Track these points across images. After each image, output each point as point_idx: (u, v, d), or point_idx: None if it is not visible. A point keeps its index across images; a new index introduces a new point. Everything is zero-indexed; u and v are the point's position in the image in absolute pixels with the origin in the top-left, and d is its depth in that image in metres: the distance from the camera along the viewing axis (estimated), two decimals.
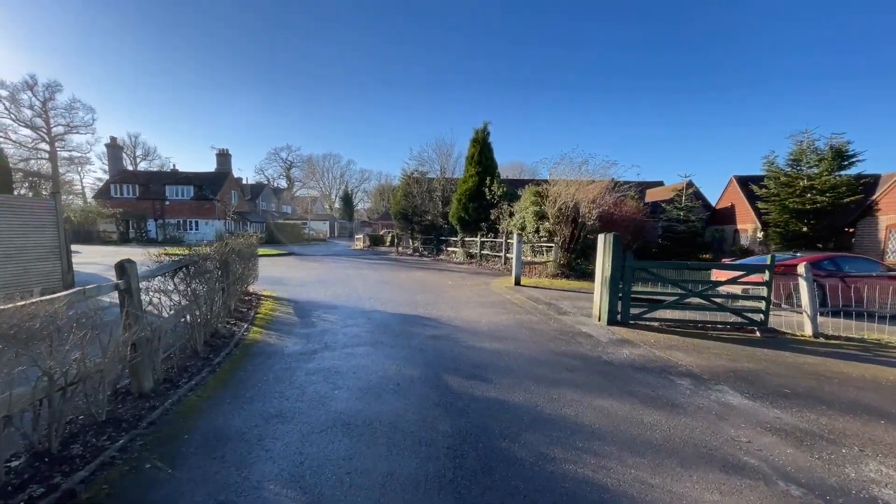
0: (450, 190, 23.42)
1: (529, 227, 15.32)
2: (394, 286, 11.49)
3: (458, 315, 7.92)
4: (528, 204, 15.29)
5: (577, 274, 13.97)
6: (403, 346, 5.85)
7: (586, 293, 10.80)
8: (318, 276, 13.45)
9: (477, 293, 10.62)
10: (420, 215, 24.64)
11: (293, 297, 9.50)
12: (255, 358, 5.26)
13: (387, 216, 66.69)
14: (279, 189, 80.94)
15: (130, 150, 62.48)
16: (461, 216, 19.96)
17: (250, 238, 9.55)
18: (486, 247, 19.06)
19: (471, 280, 13.33)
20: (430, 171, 25.10)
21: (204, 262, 5.75)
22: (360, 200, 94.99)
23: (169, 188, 35.57)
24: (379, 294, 10.09)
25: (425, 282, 12.65)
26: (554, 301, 9.63)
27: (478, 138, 19.99)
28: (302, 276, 13.57)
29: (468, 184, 19.67)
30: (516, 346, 5.94)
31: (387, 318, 7.52)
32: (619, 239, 7.26)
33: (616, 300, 7.36)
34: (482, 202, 19.20)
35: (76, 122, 51.65)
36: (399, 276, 13.83)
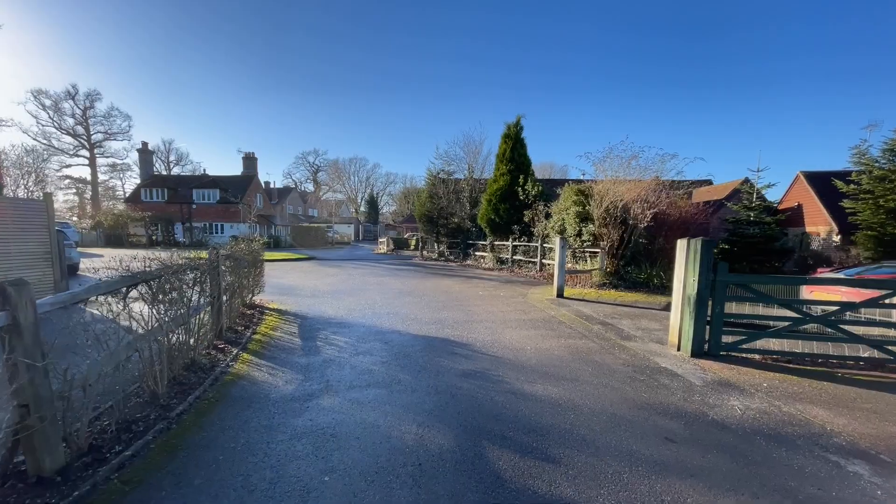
0: (478, 190, 21.91)
1: (570, 230, 13.61)
2: (417, 298, 10.07)
3: (496, 339, 6.40)
4: (570, 204, 13.59)
5: (628, 284, 12.15)
6: (428, 388, 4.39)
7: (646, 309, 9.04)
8: (334, 285, 12.22)
9: (514, 307, 9.05)
10: (446, 218, 23.23)
11: (301, 312, 8.22)
12: (231, 406, 3.92)
13: (411, 219, 65.75)
14: (306, 193, 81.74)
15: (164, 156, 64.28)
16: (491, 218, 18.39)
17: (254, 243, 8.33)
18: (518, 251, 17.41)
19: (504, 290, 11.76)
20: (457, 171, 23.68)
21: (177, 275, 4.49)
22: (386, 204, 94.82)
23: (196, 192, 35.72)
24: (399, 308, 8.69)
25: (452, 292, 11.18)
26: (610, 320, 7.94)
27: (510, 133, 18.40)
28: (317, 284, 12.37)
29: (499, 183, 18.09)
30: (581, 393, 4.36)
31: (407, 343, 6.08)
32: (710, 246, 5.55)
33: (703, 325, 5.65)
34: (515, 203, 17.58)
35: (114, 129, 53.43)
36: (423, 285, 12.42)
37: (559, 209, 14.58)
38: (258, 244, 8.46)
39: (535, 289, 12.02)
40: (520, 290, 11.65)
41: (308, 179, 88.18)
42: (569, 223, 13.67)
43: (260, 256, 8.64)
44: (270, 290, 10.75)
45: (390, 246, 33.62)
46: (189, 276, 4.86)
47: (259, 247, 8.35)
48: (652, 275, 12.16)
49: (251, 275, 8.09)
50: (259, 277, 8.72)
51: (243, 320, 7.22)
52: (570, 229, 13.61)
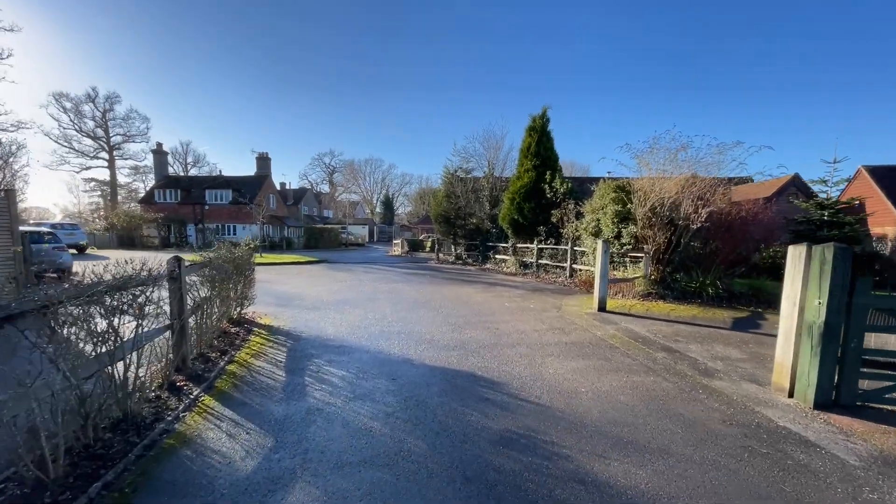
0: (499, 188, 20.40)
1: (606, 232, 11.99)
2: (433, 311, 8.65)
3: (538, 374, 4.92)
4: (607, 202, 11.97)
5: (676, 294, 10.47)
6: (451, 467, 2.95)
7: (711, 328, 7.40)
8: (340, 293, 10.89)
9: (550, 325, 7.53)
10: (464, 218, 21.78)
11: (296, 330, 6.89)
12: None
13: (427, 220, 64.53)
14: (321, 194, 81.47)
15: (182, 157, 64.67)
16: (514, 218, 16.85)
17: (239, 248, 7.04)
18: (544, 255, 15.82)
19: (534, 300, 10.23)
20: (477, 168, 22.22)
21: (95, 298, 3.16)
22: (401, 205, 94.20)
23: (209, 192, 35.19)
24: (413, 325, 7.28)
25: (474, 303, 9.72)
26: (673, 344, 6.36)
27: (535, 126, 16.84)
28: (322, 292, 11.07)
29: (523, 180, 16.54)
30: (682, 480, 2.85)
31: (422, 380, 4.65)
32: (846, 256, 3.95)
33: (831, 364, 4.06)
34: (541, 201, 16.01)
35: (132, 131, 53.76)
36: (440, 294, 10.99)
37: (593, 208, 12.96)
38: (245, 249, 7.15)
39: (569, 299, 10.46)
40: (552, 301, 10.10)
41: (324, 181, 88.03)
42: (605, 224, 12.04)
43: (248, 263, 7.34)
44: (268, 299, 9.51)
45: (405, 248, 32.38)
46: (125, 297, 3.53)
47: (246, 252, 7.05)
48: (705, 283, 10.45)
49: (236, 286, 6.79)
50: (248, 288, 7.42)
51: (223, 342, 5.91)
52: (607, 231, 11.98)
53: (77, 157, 50.51)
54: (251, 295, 7.63)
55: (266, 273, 15.20)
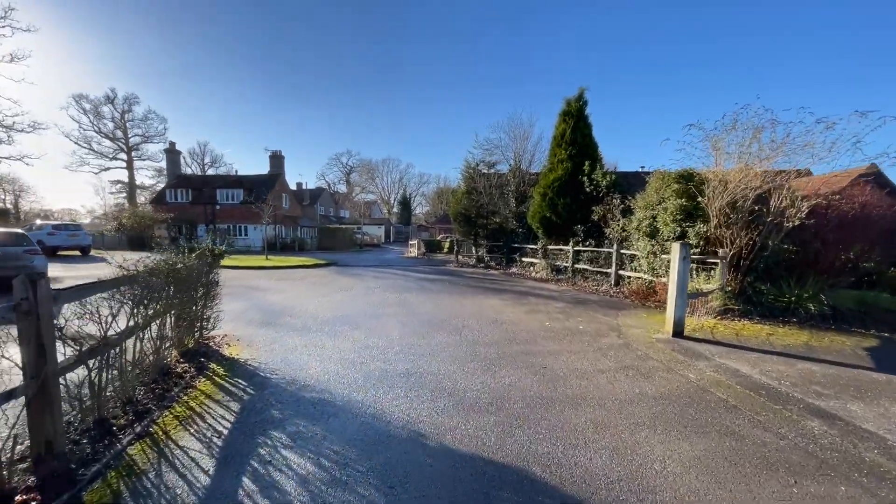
0: (527, 183, 18.29)
1: (666, 231, 9.76)
2: (454, 334, 6.66)
3: (635, 473, 2.86)
4: (668, 195, 9.74)
5: (762, 310, 8.21)
6: None
7: (847, 367, 5.15)
8: (341, 307, 9.02)
9: (617, 359, 5.44)
10: (486, 217, 19.72)
11: (268, 366, 5.00)
12: None
13: (444, 220, 62.61)
14: (338, 194, 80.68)
15: (199, 158, 64.65)
16: (546, 216, 14.70)
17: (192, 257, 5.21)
18: (582, 258, 13.62)
19: (580, 316, 8.14)
20: (501, 162, 20.13)
21: None
22: (418, 204, 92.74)
23: (220, 192, 34.13)
24: (428, 361, 5.30)
25: (506, 320, 7.69)
26: (816, 400, 4.18)
27: (570, 110, 14.64)
28: (320, 305, 9.23)
29: (557, 172, 14.36)
30: None
31: (443, 491, 2.66)
32: None
33: None
34: (578, 196, 13.83)
35: (151, 132, 53.68)
36: (462, 308, 8.99)
37: (646, 203, 10.73)
38: (198, 259, 5.28)
39: (625, 316, 8.30)
40: (604, 319, 7.97)
41: (341, 181, 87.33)
42: (664, 222, 9.81)
43: (204, 275, 5.49)
44: (253, 314, 7.74)
45: (421, 249, 30.54)
46: None
47: (197, 262, 5.17)
48: (802, 297, 8.13)
49: (186, 307, 4.96)
50: (207, 308, 5.60)
51: (155, 390, 4.07)
52: (667, 230, 9.74)
53: (96, 158, 50.69)
54: (214, 315, 5.80)
55: (264, 279, 13.52)
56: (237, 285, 11.86)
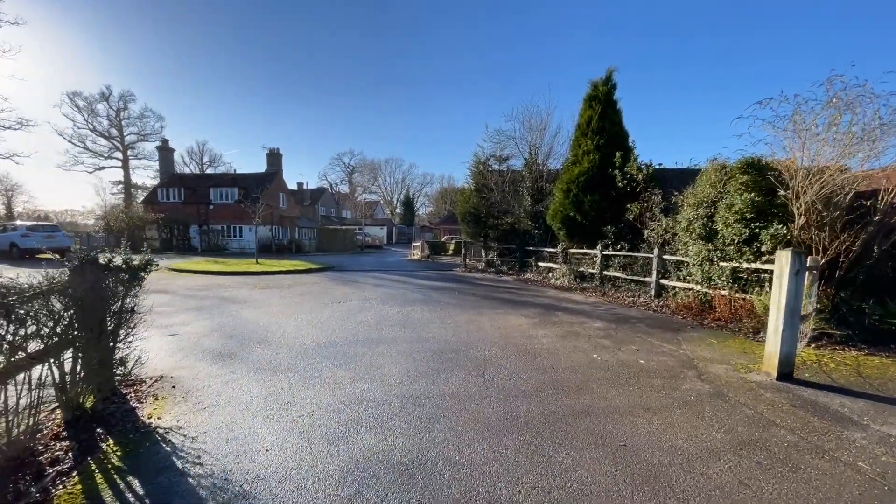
0: (545, 179, 16.51)
1: (728, 233, 7.95)
2: (476, 375, 4.90)
3: None
4: (735, 187, 7.93)
5: (863, 335, 6.40)
6: None
7: None
8: (329, 328, 7.27)
9: (719, 424, 3.65)
10: (497, 217, 17.94)
11: (198, 443, 3.23)
12: None
13: (449, 220, 60.86)
14: (339, 194, 79.18)
15: (198, 157, 63.27)
16: (569, 215, 12.88)
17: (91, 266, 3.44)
18: (613, 265, 11.81)
19: (631, 343, 6.34)
20: (515, 156, 18.30)
21: None
22: (422, 205, 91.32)
23: (214, 191, 32.48)
24: (443, 435, 3.52)
25: (540, 350, 5.92)
26: None
27: (597, 94, 12.84)
28: (302, 325, 7.47)
29: (582, 165, 12.56)
30: None
31: None
32: None
33: None
34: (608, 192, 12.04)
35: (147, 130, 52.24)
36: (481, 332, 7.21)
37: (697, 200, 8.91)
38: (92, 274, 3.52)
39: (689, 342, 6.48)
40: (665, 347, 6.16)
41: (343, 181, 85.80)
42: (725, 222, 7.99)
43: (123, 301, 3.74)
44: (212, 341, 5.98)
45: (425, 251, 28.77)
46: None
47: (97, 280, 3.42)
48: None
49: (90, 347, 3.22)
50: (109, 349, 3.84)
51: None
52: (729, 232, 7.92)
53: (91, 156, 49.27)
54: (127, 356, 4.03)
55: (246, 288, 11.80)
56: (211, 297, 10.13)
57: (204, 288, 11.61)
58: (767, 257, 7.45)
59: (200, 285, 12.13)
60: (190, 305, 8.89)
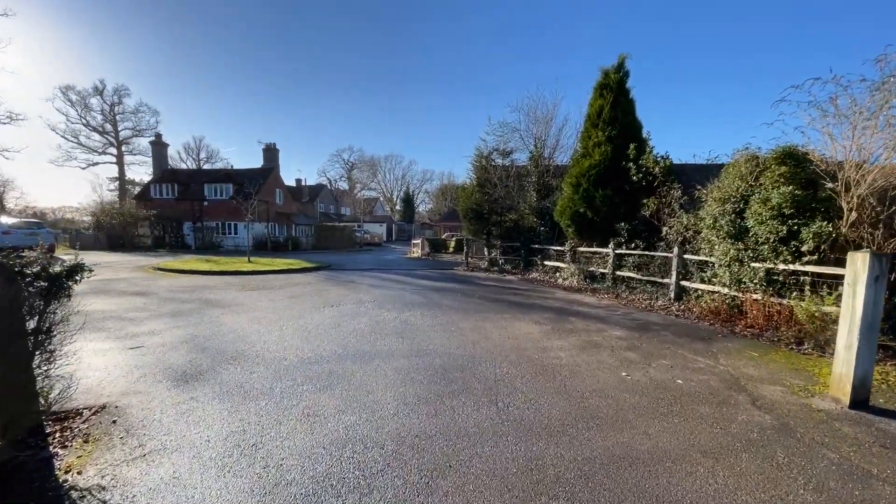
0: (552, 174, 15.69)
1: (762, 231, 7.13)
2: (488, 405, 4.15)
3: None
4: (771, 180, 7.12)
5: None
6: None
7: None
8: (316, 339, 6.48)
9: (805, 479, 2.86)
10: (500, 213, 17.12)
11: None
12: None
13: (449, 217, 60.03)
14: (339, 191, 78.35)
15: (195, 153, 62.36)
16: (578, 211, 12.07)
17: None
18: (626, 264, 11.00)
19: (661, 357, 5.56)
20: (519, 149, 17.46)
21: None
22: (422, 202, 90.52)
23: (208, 187, 31.62)
24: (451, 497, 2.72)
25: (560, 369, 5.14)
26: None
27: (609, 82, 12.00)
28: (287, 335, 6.68)
29: (593, 157, 11.73)
30: None
31: None
32: None
33: None
34: (622, 187, 11.23)
35: (142, 125, 51.32)
36: (488, 343, 6.43)
37: (724, 195, 8.10)
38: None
39: (727, 355, 5.68)
40: (700, 361, 5.36)
41: (342, 177, 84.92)
42: (758, 219, 7.18)
43: (43, 317, 2.94)
44: (182, 352, 5.19)
45: (425, 249, 27.97)
46: None
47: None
48: None
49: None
50: (41, 372, 3.04)
51: None
52: (763, 230, 7.10)
53: (84, 152, 48.36)
54: (51, 385, 3.24)
55: (234, 290, 10.99)
56: (193, 300, 9.33)
57: (187, 289, 10.81)
58: (808, 258, 6.66)
59: (184, 286, 11.33)
60: (166, 310, 8.09)
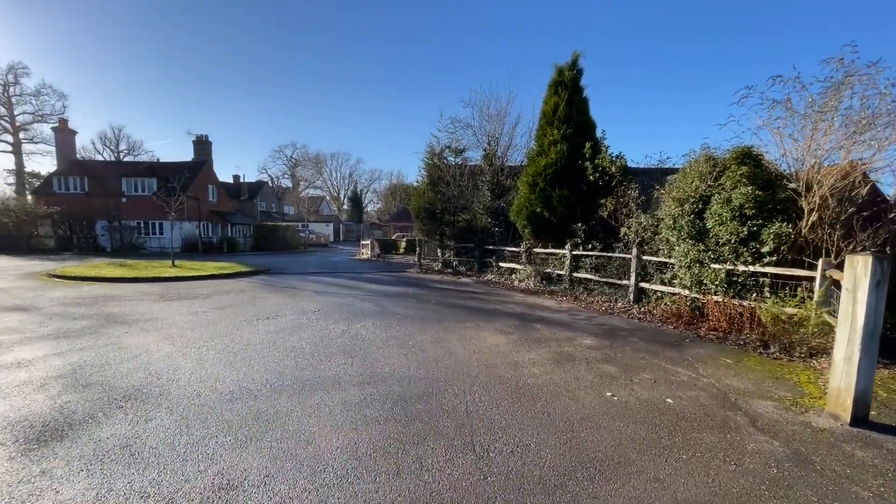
0: (506, 173, 15.28)
1: (722, 232, 7.03)
2: (465, 451, 3.44)
3: None
4: (734, 180, 7.01)
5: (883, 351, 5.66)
6: None
7: None
8: (238, 366, 5.40)
9: None
10: (453, 213, 16.51)
11: None
12: None
13: (399, 217, 58.83)
14: (282, 189, 74.23)
15: (112, 143, 55.90)
16: (535, 211, 11.70)
17: None
18: (584, 265, 10.77)
19: (642, 371, 5.14)
20: (473, 147, 16.93)
21: None
22: (370, 202, 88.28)
23: (126, 181, 28.02)
24: None
25: (537, 391, 4.53)
26: None
27: (563, 79, 11.74)
28: (206, 360, 5.51)
29: (549, 156, 11.39)
30: None
31: None
32: None
33: None
34: (578, 187, 10.98)
35: (45, 109, 44.87)
36: (453, 359, 5.70)
37: (683, 195, 7.99)
38: None
39: (704, 364, 5.38)
40: (682, 374, 4.98)
41: (285, 174, 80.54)
42: (719, 219, 7.08)
43: None
44: (58, 391, 3.87)
45: (375, 250, 26.76)
46: None
47: None
48: None
49: None
50: None
51: None
52: (724, 231, 7.01)
53: None
54: None
55: (148, 300, 9.34)
56: (91, 315, 7.68)
57: (87, 301, 9.01)
58: (768, 259, 6.62)
59: (84, 297, 9.46)
60: (49, 331, 6.48)
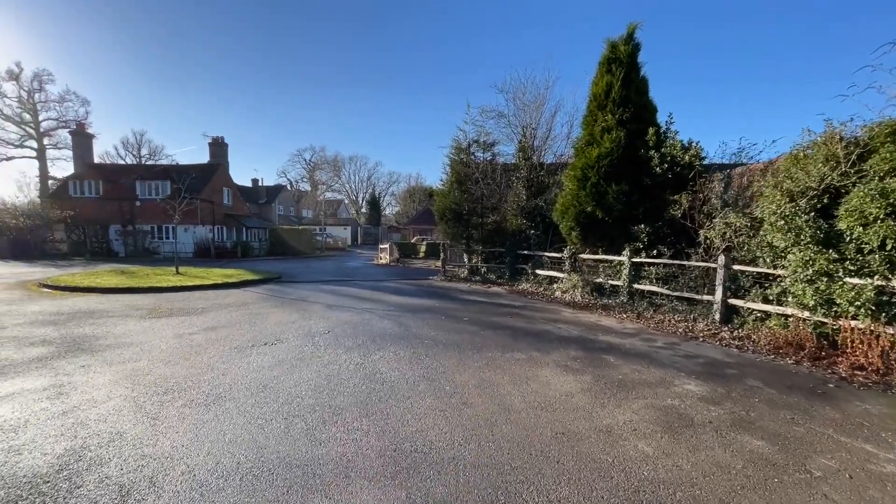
0: (545, 169, 13.56)
1: (869, 236, 5.15)
2: None
3: None
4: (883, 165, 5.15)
5: None
6: None
7: None
8: (214, 426, 3.90)
9: None
10: (482, 214, 14.85)
11: None
12: None
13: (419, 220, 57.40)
14: (300, 192, 73.98)
15: (134, 149, 56.45)
16: (586, 211, 9.90)
17: None
18: (647, 275, 8.93)
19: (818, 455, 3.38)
20: (502, 141, 15.26)
21: None
22: (388, 205, 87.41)
23: (140, 185, 27.41)
24: None
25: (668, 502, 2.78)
26: None
27: (618, 55, 9.94)
28: (168, 414, 4.01)
29: (603, 146, 9.58)
30: None
31: None
32: None
33: None
34: (639, 181, 9.17)
35: (69, 116, 45.31)
36: (510, 423, 4.11)
37: (794, 186, 6.13)
38: None
39: (883, 427, 3.57)
40: (877, 454, 3.21)
41: (303, 178, 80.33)
42: (860, 218, 5.21)
43: None
44: None
45: (394, 255, 25.31)
46: None
47: None
48: None
49: None
50: None
51: None
52: (870, 234, 5.13)
53: None
54: None
55: (133, 317, 8.00)
56: (53, 338, 6.32)
57: (62, 319, 7.72)
58: None
59: (61, 313, 8.20)
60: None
